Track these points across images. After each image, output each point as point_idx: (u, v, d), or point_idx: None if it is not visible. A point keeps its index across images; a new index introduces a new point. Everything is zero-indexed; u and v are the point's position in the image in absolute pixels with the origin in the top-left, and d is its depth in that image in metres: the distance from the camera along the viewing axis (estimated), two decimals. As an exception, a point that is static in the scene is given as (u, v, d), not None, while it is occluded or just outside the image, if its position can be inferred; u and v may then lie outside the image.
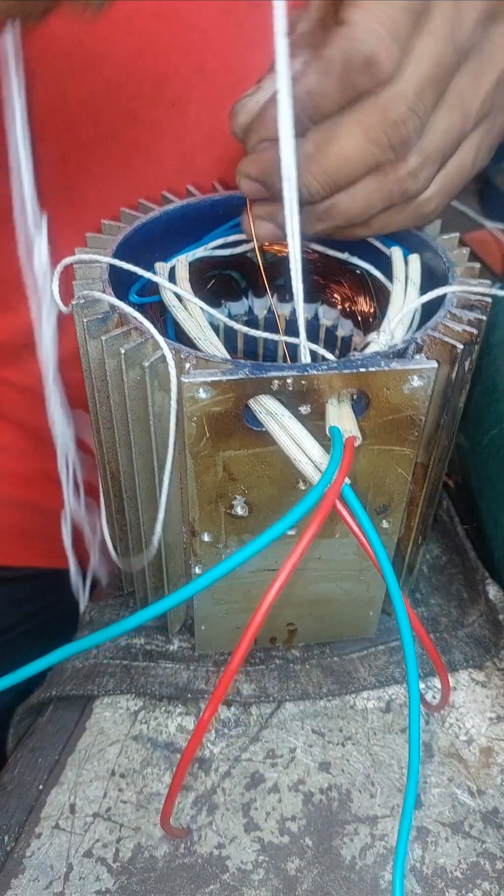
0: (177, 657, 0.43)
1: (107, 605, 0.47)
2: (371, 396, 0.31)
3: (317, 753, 0.40)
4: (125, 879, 0.35)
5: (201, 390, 0.30)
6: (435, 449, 0.36)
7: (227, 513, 0.35)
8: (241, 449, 0.32)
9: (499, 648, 0.43)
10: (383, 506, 0.36)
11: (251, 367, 0.30)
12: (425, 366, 0.31)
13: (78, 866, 0.36)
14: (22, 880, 0.35)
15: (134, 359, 0.31)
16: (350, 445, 0.29)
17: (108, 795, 0.38)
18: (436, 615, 0.45)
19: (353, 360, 0.31)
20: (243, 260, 0.42)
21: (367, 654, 0.43)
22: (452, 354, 0.32)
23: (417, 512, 0.39)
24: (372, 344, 0.34)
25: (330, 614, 0.42)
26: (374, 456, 0.34)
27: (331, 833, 0.37)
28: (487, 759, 0.40)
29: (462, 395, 0.36)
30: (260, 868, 0.36)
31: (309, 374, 0.30)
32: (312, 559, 0.38)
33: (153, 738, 0.40)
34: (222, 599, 0.39)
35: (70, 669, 0.43)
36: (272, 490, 0.34)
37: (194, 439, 0.31)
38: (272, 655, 0.44)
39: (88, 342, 0.33)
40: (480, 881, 0.35)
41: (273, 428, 0.30)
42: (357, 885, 0.35)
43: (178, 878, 0.35)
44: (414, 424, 0.32)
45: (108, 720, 0.41)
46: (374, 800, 0.38)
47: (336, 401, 0.31)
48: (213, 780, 0.39)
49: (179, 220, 0.41)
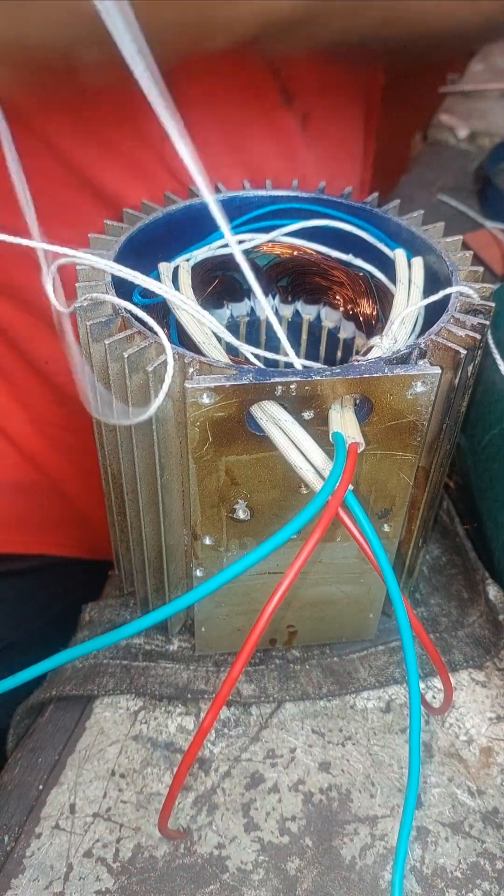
0: (177, 657, 0.43)
1: (107, 605, 0.47)
2: (374, 402, 0.31)
3: (317, 753, 0.40)
4: (125, 879, 0.35)
5: (205, 395, 0.30)
6: (437, 453, 0.36)
7: (229, 517, 0.35)
8: (243, 454, 0.32)
9: (499, 648, 0.44)
10: (385, 510, 0.36)
11: (255, 373, 0.30)
12: (428, 372, 0.31)
13: (78, 866, 0.36)
14: (22, 880, 0.35)
15: (137, 363, 0.31)
16: (353, 452, 0.29)
17: (108, 795, 0.38)
18: (436, 615, 0.46)
19: (356, 366, 0.31)
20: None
21: (366, 655, 0.44)
22: (456, 360, 0.32)
23: (418, 515, 0.39)
24: (375, 348, 0.34)
25: (330, 616, 0.42)
26: (377, 461, 0.34)
27: (331, 833, 0.37)
28: (487, 759, 0.40)
29: (465, 399, 0.36)
30: (260, 868, 0.36)
31: (312, 380, 0.30)
32: (314, 563, 0.38)
33: (153, 738, 0.41)
34: (223, 602, 0.40)
35: (70, 669, 0.43)
36: (274, 494, 0.34)
37: (197, 444, 0.31)
38: (272, 655, 0.44)
39: (91, 346, 0.33)
40: (480, 881, 0.35)
41: (274, 434, 0.30)
42: (357, 885, 0.35)
43: (178, 878, 0.35)
44: (416, 430, 0.32)
45: (108, 720, 0.41)
46: (374, 800, 0.38)
47: (339, 406, 0.31)
48: (213, 780, 0.39)
49: (182, 220, 0.40)
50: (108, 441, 0.37)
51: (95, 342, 0.33)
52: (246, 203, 0.42)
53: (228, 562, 0.37)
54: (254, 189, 0.42)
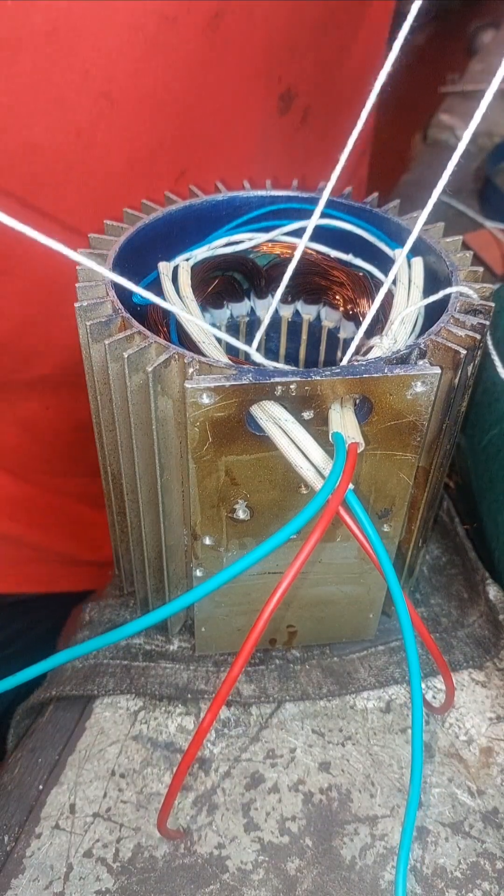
0: (177, 657, 0.43)
1: (107, 605, 0.47)
2: (374, 402, 0.31)
3: (317, 753, 0.40)
4: (125, 879, 0.35)
5: (205, 395, 0.30)
6: (437, 453, 0.36)
7: (229, 517, 0.35)
8: (243, 454, 0.32)
9: (499, 649, 0.44)
10: (385, 510, 0.36)
11: (254, 373, 0.30)
12: (428, 372, 0.31)
13: (78, 866, 0.36)
14: (22, 880, 0.35)
15: (137, 363, 0.31)
16: (353, 452, 0.29)
17: (108, 795, 0.38)
18: (436, 615, 0.46)
19: (356, 366, 0.31)
20: (245, 261, 0.42)
21: (367, 655, 0.44)
22: (455, 360, 0.32)
23: (419, 515, 0.39)
24: (375, 348, 0.34)
25: (330, 616, 0.42)
26: (377, 461, 0.34)
27: (331, 833, 0.37)
28: (487, 759, 0.40)
29: (465, 399, 0.36)
30: (260, 868, 0.36)
31: (312, 380, 0.30)
32: (314, 563, 0.38)
33: (153, 738, 0.41)
34: (223, 602, 0.40)
35: (70, 669, 0.43)
36: (274, 494, 0.34)
37: (197, 444, 0.31)
38: (272, 656, 0.44)
39: (91, 346, 0.33)
40: (480, 881, 0.35)
41: (274, 434, 0.30)
42: (357, 885, 0.35)
43: (178, 878, 0.35)
44: (416, 429, 0.32)
45: (108, 720, 0.41)
46: (374, 800, 0.38)
47: (339, 406, 0.31)
48: (213, 780, 0.39)
49: (182, 220, 0.40)
50: (108, 441, 0.37)
51: (95, 342, 0.33)
52: (246, 203, 0.42)
53: (228, 562, 0.37)
54: (254, 189, 0.42)
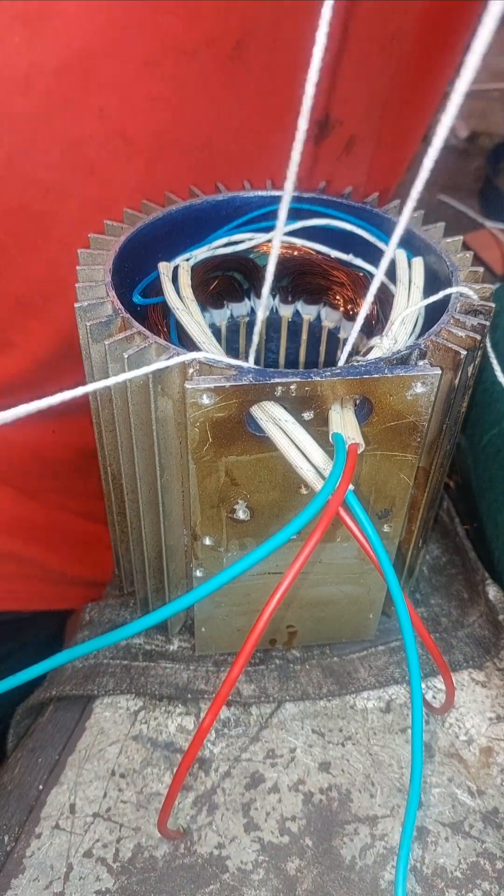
0: (177, 657, 0.43)
1: (107, 605, 0.47)
2: (374, 402, 0.31)
3: (317, 753, 0.40)
4: (125, 879, 0.35)
5: (205, 396, 0.30)
6: (437, 454, 0.36)
7: (229, 517, 0.35)
8: (243, 454, 0.32)
9: (499, 649, 0.44)
10: (385, 510, 0.36)
11: (255, 373, 0.30)
12: (429, 372, 0.31)
13: (78, 866, 0.36)
14: (22, 880, 0.35)
15: (137, 363, 0.31)
16: (353, 452, 0.29)
17: (108, 795, 0.38)
18: (436, 615, 0.46)
19: (356, 367, 0.31)
20: (245, 261, 0.42)
21: (366, 655, 0.44)
22: (456, 360, 0.32)
23: (419, 516, 0.39)
24: (375, 348, 0.34)
25: (330, 616, 0.42)
26: (377, 461, 0.33)
27: (331, 833, 0.37)
28: (487, 759, 0.40)
29: (465, 399, 0.36)
30: (260, 868, 0.36)
31: (312, 381, 0.30)
32: (314, 563, 0.38)
33: (153, 738, 0.41)
34: (223, 602, 0.40)
35: (70, 669, 0.43)
36: (274, 495, 0.34)
37: (197, 444, 0.31)
38: (272, 656, 0.44)
39: (91, 346, 0.33)
40: (480, 881, 0.35)
41: (274, 434, 0.30)
42: (357, 885, 0.35)
43: (178, 878, 0.35)
44: (416, 430, 0.32)
45: (108, 720, 0.41)
46: (374, 800, 0.38)
47: (339, 407, 0.31)
48: (213, 780, 0.39)
49: (182, 220, 0.40)
50: (108, 441, 0.37)
51: (95, 342, 0.33)
52: (246, 203, 0.42)
53: (228, 562, 0.37)
54: (254, 189, 0.42)
